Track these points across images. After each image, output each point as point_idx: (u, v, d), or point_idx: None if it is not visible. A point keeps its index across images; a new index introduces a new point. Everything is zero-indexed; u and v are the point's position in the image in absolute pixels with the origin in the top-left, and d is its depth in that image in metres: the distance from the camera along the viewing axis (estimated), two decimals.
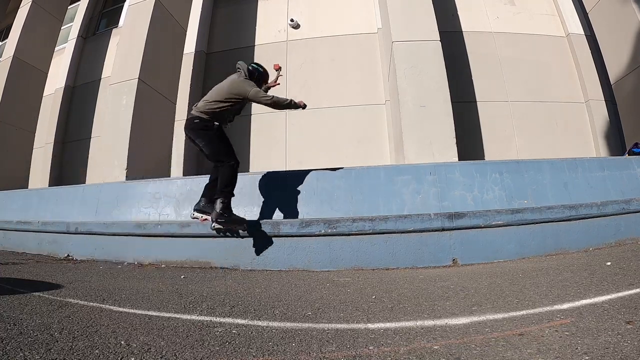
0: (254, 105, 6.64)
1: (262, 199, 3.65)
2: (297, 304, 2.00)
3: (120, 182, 4.56)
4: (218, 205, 3.01)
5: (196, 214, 3.23)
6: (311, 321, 1.68)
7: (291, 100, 3.21)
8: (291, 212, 3.50)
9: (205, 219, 3.17)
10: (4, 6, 8.83)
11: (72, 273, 3.04)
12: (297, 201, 3.57)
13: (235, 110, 3.32)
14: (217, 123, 3.15)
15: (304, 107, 3.26)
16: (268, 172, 3.84)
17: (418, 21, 4.83)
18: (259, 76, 3.42)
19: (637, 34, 4.91)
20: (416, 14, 4.88)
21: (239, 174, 3.28)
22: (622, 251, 2.86)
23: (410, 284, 2.44)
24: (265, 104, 3.19)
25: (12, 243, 4.75)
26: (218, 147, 3.18)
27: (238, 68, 3.38)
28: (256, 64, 3.47)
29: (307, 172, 3.76)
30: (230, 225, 3.11)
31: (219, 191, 3.07)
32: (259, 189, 3.71)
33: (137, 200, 4.08)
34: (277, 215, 3.53)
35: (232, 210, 3.12)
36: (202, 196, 3.29)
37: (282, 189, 3.67)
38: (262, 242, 3.32)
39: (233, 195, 3.16)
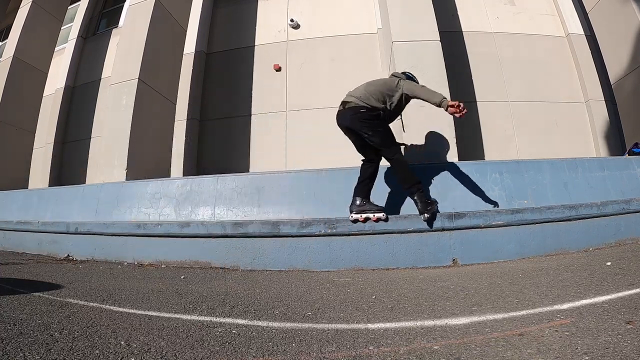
0: (254, 104, 6.68)
1: (262, 199, 3.65)
2: (297, 304, 2.00)
3: (120, 182, 4.56)
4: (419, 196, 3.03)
5: (355, 216, 3.15)
6: (311, 321, 1.69)
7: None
8: (291, 211, 3.51)
9: (367, 218, 3.13)
10: (4, 6, 8.83)
11: (72, 273, 3.04)
12: (297, 201, 3.58)
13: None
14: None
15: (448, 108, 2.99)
16: (268, 172, 3.84)
17: (418, 21, 4.83)
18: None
19: (637, 34, 4.91)
20: (416, 14, 4.87)
21: (239, 174, 3.28)
22: (622, 251, 2.86)
23: (410, 284, 2.44)
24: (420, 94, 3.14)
25: (12, 243, 4.75)
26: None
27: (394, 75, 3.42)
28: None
29: (307, 172, 3.77)
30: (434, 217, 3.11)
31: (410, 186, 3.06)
32: (260, 188, 3.71)
33: (137, 201, 4.08)
34: (277, 215, 3.54)
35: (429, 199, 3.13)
36: (355, 196, 3.22)
37: (282, 189, 3.67)
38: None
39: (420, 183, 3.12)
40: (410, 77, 3.42)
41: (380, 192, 3.42)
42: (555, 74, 6.43)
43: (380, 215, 3.12)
